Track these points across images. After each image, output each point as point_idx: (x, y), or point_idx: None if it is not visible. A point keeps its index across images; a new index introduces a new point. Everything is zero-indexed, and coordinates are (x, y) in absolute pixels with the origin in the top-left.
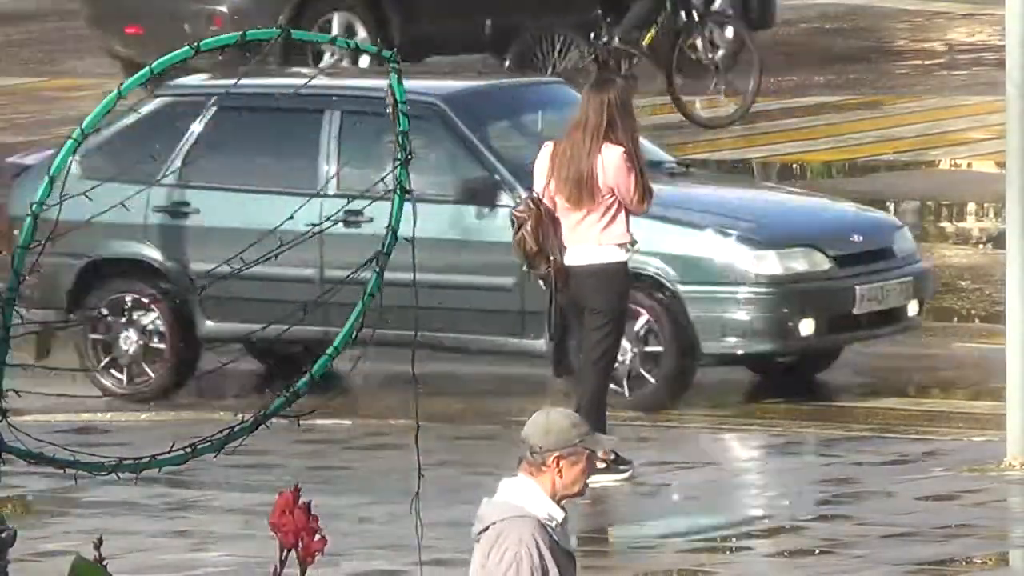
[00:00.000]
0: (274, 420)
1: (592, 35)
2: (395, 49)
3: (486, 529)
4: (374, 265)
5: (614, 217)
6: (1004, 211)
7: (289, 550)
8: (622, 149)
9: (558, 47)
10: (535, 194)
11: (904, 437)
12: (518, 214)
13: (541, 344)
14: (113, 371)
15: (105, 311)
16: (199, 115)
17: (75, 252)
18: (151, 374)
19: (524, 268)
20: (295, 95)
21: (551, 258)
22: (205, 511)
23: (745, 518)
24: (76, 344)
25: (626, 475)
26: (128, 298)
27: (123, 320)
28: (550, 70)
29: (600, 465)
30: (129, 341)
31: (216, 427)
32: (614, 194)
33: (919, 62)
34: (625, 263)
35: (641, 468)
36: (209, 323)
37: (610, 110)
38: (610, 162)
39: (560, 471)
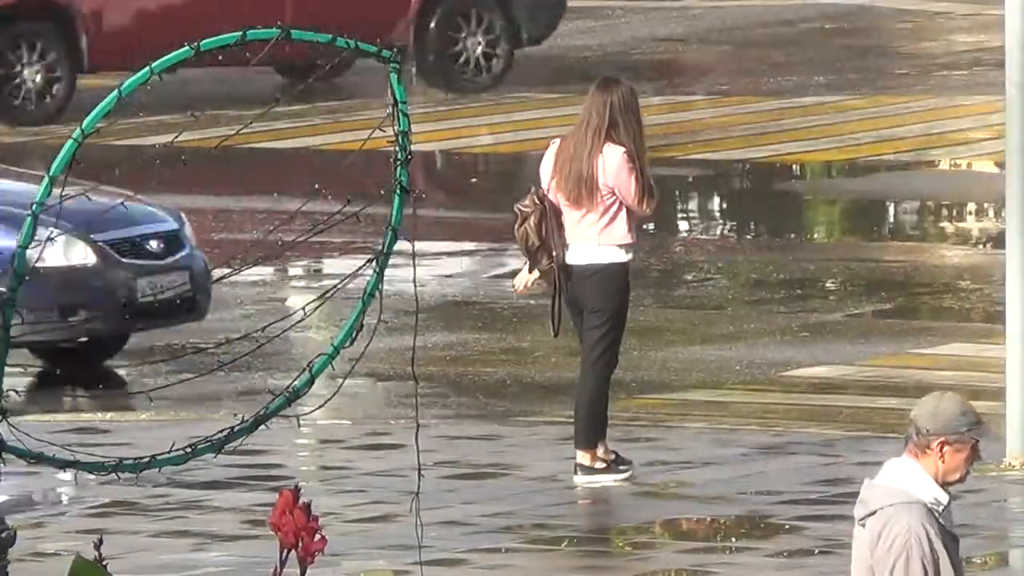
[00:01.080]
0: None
1: None
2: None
3: (872, 514)
4: (374, 265)
5: (614, 217)
6: (1004, 211)
7: (289, 550)
8: (623, 149)
9: None
10: (541, 190)
11: (904, 437)
12: (523, 208)
13: None
14: None
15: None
16: None
17: None
18: None
19: (525, 263)
20: None
21: (553, 254)
22: (205, 511)
23: (745, 518)
24: None
25: (626, 475)
26: None
27: None
28: None
29: (600, 465)
30: None
31: (216, 427)
32: (615, 194)
33: (919, 62)
34: (626, 263)
35: (641, 468)
36: None
37: (612, 111)
38: (611, 162)
39: (943, 456)
